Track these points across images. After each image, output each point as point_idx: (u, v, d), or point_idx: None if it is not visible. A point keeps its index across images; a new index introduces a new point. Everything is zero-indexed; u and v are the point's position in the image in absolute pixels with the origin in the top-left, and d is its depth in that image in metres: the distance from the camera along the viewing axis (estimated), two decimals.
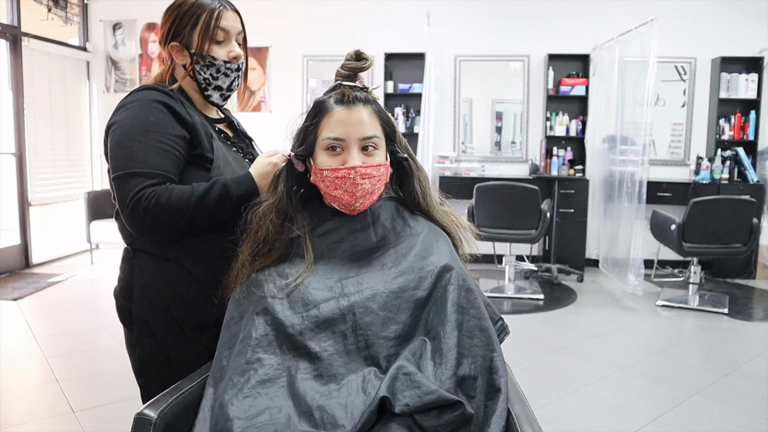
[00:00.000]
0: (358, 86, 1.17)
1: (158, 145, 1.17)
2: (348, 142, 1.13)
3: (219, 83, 1.31)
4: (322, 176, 1.15)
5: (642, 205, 4.43)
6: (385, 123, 1.19)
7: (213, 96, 1.33)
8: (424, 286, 1.07)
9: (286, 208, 1.17)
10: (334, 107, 1.15)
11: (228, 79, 1.32)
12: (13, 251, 5.11)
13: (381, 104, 1.21)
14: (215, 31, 1.26)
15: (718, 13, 5.27)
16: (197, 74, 1.29)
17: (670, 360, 3.25)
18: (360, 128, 1.14)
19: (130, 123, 1.18)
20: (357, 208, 1.16)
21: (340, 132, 1.13)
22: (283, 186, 1.18)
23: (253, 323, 1.07)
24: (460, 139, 5.68)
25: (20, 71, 5.03)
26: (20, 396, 2.73)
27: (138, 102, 1.21)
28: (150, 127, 1.18)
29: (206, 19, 1.25)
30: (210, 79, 1.30)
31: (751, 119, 5.22)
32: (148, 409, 1.03)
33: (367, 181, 1.13)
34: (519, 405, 1.05)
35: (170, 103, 1.22)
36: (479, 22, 5.53)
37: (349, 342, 1.03)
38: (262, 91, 5.80)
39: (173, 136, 1.19)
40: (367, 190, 1.14)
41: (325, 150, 1.15)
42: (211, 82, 1.30)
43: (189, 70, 1.28)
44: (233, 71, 1.32)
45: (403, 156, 1.23)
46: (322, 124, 1.15)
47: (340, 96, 1.16)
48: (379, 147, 1.17)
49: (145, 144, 1.16)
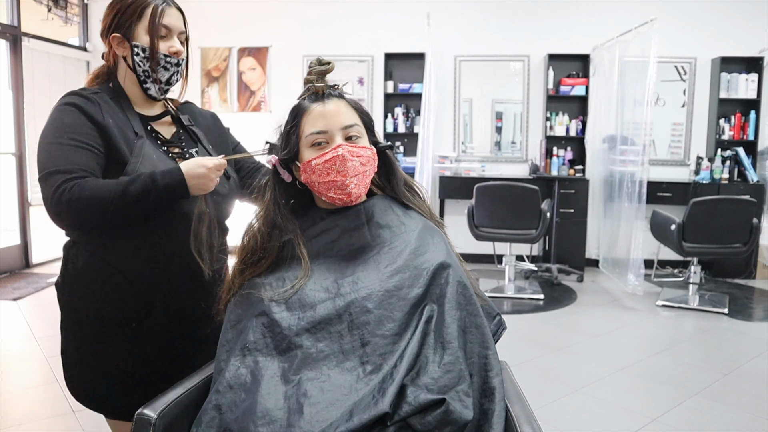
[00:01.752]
0: (329, 84, 1.20)
1: (74, 144, 1.20)
2: (331, 133, 1.15)
3: (158, 76, 1.32)
4: (312, 168, 1.15)
5: (642, 205, 4.43)
6: (362, 114, 1.21)
7: (151, 89, 1.34)
8: (419, 284, 1.07)
9: (273, 216, 1.18)
10: (310, 105, 1.17)
11: (167, 73, 1.33)
12: (13, 251, 5.11)
13: (355, 99, 1.23)
14: (158, 27, 1.29)
15: (718, 13, 5.27)
16: (137, 66, 1.31)
17: (670, 360, 3.25)
18: (339, 118, 1.15)
19: (48, 127, 1.23)
20: (353, 191, 1.15)
21: (321, 125, 1.15)
22: (270, 194, 1.19)
23: (251, 326, 1.08)
24: (460, 139, 5.68)
25: (20, 71, 5.03)
26: (20, 396, 2.73)
27: (55, 108, 1.25)
28: (65, 128, 1.21)
29: (151, 14, 1.29)
30: (149, 71, 1.31)
31: (751, 119, 5.22)
32: (148, 409, 1.03)
33: (357, 159, 1.14)
34: (519, 405, 1.05)
35: (83, 105, 1.24)
36: (479, 22, 5.53)
37: (346, 342, 1.03)
38: (262, 91, 5.80)
39: (89, 134, 1.22)
40: (358, 169, 1.15)
41: (311, 147, 1.16)
42: (150, 75, 1.32)
43: (129, 61, 1.31)
44: (173, 65, 1.33)
45: (387, 144, 1.24)
46: (302, 123, 1.16)
47: (314, 95, 1.18)
48: (361, 136, 1.18)
49: (61, 144, 1.19)
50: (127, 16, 1.29)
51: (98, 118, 1.24)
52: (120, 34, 1.30)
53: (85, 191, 1.15)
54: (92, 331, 1.30)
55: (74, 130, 1.21)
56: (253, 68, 5.78)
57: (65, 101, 1.26)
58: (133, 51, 1.30)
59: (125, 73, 1.34)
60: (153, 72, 1.31)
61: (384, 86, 5.58)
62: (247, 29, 5.69)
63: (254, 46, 5.74)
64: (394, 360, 1.00)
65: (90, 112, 1.24)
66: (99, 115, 1.24)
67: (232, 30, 5.67)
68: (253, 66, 5.78)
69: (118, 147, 1.24)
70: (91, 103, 1.25)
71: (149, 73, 1.31)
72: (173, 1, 1.34)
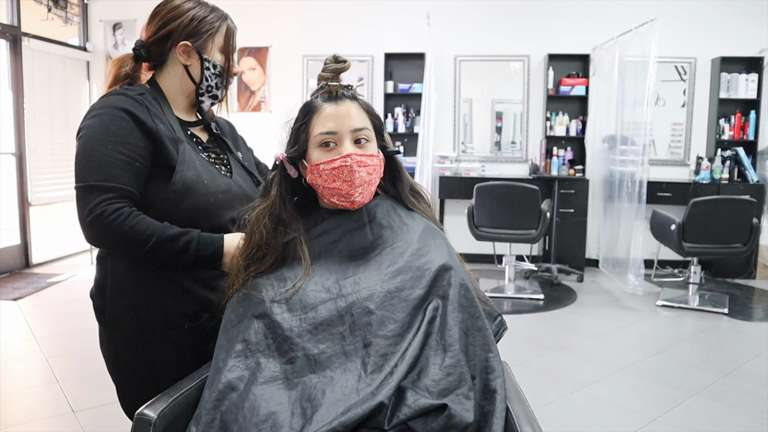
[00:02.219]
0: (343, 84, 1.19)
1: (118, 156, 1.17)
2: (340, 134, 1.14)
3: (217, 92, 1.36)
4: (319, 171, 1.15)
5: (642, 205, 4.43)
6: (373, 117, 1.20)
7: (205, 102, 1.36)
8: (421, 285, 1.07)
9: (279, 212, 1.17)
10: (322, 105, 1.16)
11: (223, 91, 1.38)
12: (13, 251, 5.11)
13: (367, 101, 1.22)
14: (232, 49, 1.35)
15: (718, 13, 5.27)
16: (204, 80, 1.32)
17: (670, 360, 3.25)
18: (350, 121, 1.15)
19: (93, 131, 1.19)
20: (356, 200, 1.16)
21: (331, 126, 1.14)
22: (276, 190, 1.18)
23: (251, 327, 1.07)
24: (460, 139, 5.68)
25: (20, 71, 5.03)
26: (20, 396, 2.73)
27: (103, 110, 1.21)
28: (110, 137, 1.18)
29: (226, 34, 1.33)
30: (213, 87, 1.34)
31: (751, 119, 5.22)
32: (148, 409, 1.03)
33: (364, 170, 1.14)
34: (519, 405, 1.05)
35: (134, 110, 1.21)
36: (479, 22, 5.53)
37: (348, 342, 1.03)
38: (262, 91, 5.80)
39: (134, 146, 1.19)
40: (365, 179, 1.15)
41: (319, 147, 1.15)
42: (212, 90, 1.34)
43: (195, 74, 1.32)
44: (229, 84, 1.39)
45: (394, 150, 1.24)
46: (312, 122, 1.16)
47: (326, 94, 1.17)
48: (370, 140, 1.18)
49: (105, 154, 1.16)
50: (204, 27, 1.30)
51: (149, 124, 1.22)
52: (191, 44, 1.29)
53: (124, 225, 1.14)
54: (143, 337, 1.27)
55: (120, 140, 1.18)
56: (253, 68, 5.78)
57: (115, 104, 1.21)
58: (203, 65, 1.31)
59: (178, 81, 1.33)
60: (217, 89, 1.35)
61: (384, 86, 5.58)
62: (247, 29, 5.65)
63: (254, 46, 5.75)
64: (395, 360, 0.99)
65: (141, 118, 1.21)
66: (150, 120, 1.22)
67: None
68: (253, 66, 5.78)
69: (166, 152, 1.23)
70: (140, 107, 1.23)
71: (212, 89, 1.34)
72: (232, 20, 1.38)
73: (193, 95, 1.36)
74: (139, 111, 1.22)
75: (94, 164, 1.16)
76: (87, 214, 1.14)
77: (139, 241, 1.16)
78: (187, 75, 1.32)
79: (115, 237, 1.15)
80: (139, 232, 1.16)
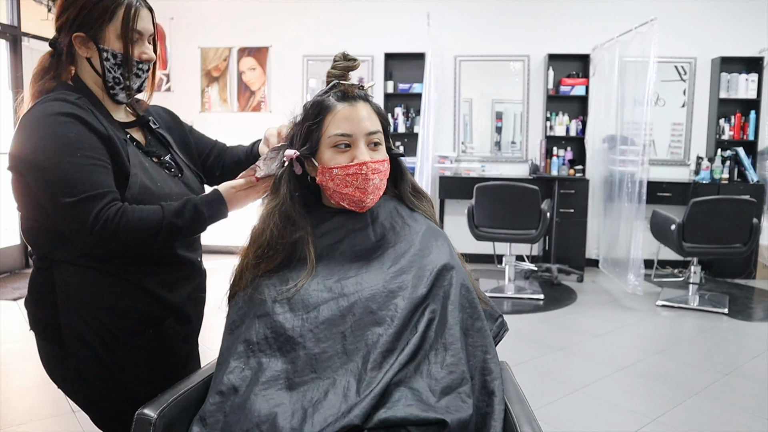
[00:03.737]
0: (356, 84, 1.18)
1: (90, 162, 1.11)
2: (355, 137, 1.13)
3: (129, 83, 1.22)
4: (331, 175, 1.14)
5: (642, 205, 4.43)
6: (383, 119, 1.20)
7: (119, 95, 1.23)
8: (423, 285, 1.07)
9: (289, 210, 1.15)
10: (336, 105, 1.14)
11: (138, 80, 1.24)
12: (13, 251, 5.11)
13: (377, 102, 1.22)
14: (132, 32, 1.18)
15: (718, 13, 5.27)
16: (106, 72, 1.19)
17: (670, 360, 3.25)
18: (365, 123, 1.14)
19: (49, 143, 1.10)
20: (366, 205, 1.16)
21: (346, 128, 1.13)
22: (286, 188, 1.16)
23: (253, 327, 1.08)
24: (460, 139, 5.68)
25: (20, 71, 5.02)
26: (20, 396, 2.73)
27: (52, 118, 1.11)
28: (73, 144, 1.10)
29: (123, 17, 1.16)
30: (120, 78, 1.20)
31: (751, 119, 5.22)
32: (148, 409, 1.03)
33: (377, 177, 1.14)
34: (519, 405, 1.05)
35: (82, 115, 1.13)
36: (479, 22, 5.53)
37: (349, 342, 1.03)
38: (262, 91, 5.80)
39: (97, 149, 1.13)
40: (377, 186, 1.15)
41: (332, 147, 1.14)
42: (120, 82, 1.21)
43: (97, 65, 1.19)
44: (144, 72, 1.24)
45: (399, 152, 1.24)
46: (326, 121, 1.14)
47: (341, 93, 1.15)
48: (381, 143, 1.18)
49: (79, 164, 1.09)
50: (95, 15, 1.15)
51: (101, 129, 1.15)
52: (85, 34, 1.17)
53: (132, 222, 1.10)
54: (106, 346, 1.19)
55: (83, 146, 1.11)
56: (253, 68, 5.78)
57: (59, 110, 1.12)
58: (102, 55, 1.18)
59: (90, 76, 1.21)
60: (125, 79, 1.21)
61: (384, 86, 5.58)
62: (247, 29, 5.69)
63: (254, 46, 5.74)
64: (395, 358, 1.00)
65: (91, 123, 1.14)
66: (99, 125, 1.15)
67: (232, 30, 5.67)
68: (253, 66, 5.78)
69: (120, 158, 1.17)
70: (85, 111, 1.15)
71: (120, 80, 1.20)
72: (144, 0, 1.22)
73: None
74: (87, 116, 1.14)
75: (75, 176, 1.09)
76: (91, 226, 1.08)
77: (152, 230, 1.12)
78: (92, 68, 1.20)
79: (128, 236, 1.11)
80: (147, 222, 1.12)
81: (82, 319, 1.18)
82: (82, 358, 1.19)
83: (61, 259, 1.18)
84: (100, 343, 1.19)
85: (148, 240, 1.14)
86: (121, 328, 1.20)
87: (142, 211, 1.13)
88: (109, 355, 1.19)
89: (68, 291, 1.18)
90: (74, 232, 1.11)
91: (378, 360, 1.00)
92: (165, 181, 1.25)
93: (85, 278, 1.18)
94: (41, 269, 1.22)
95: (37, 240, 1.21)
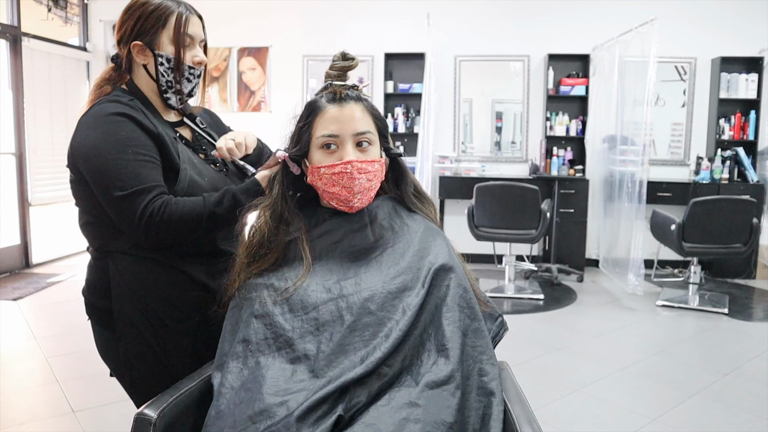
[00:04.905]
0: (348, 84, 1.18)
1: (140, 159, 1.19)
2: (342, 138, 1.14)
3: (181, 87, 1.32)
4: (319, 174, 1.15)
5: (642, 205, 4.43)
6: (377, 120, 1.20)
7: (171, 99, 1.33)
8: (421, 285, 1.07)
9: (281, 210, 1.17)
10: (326, 106, 1.16)
11: (190, 85, 1.33)
12: (13, 251, 5.10)
13: (372, 102, 1.22)
14: (183, 36, 1.28)
15: (718, 13, 5.27)
16: (160, 76, 1.29)
17: (670, 360, 3.25)
18: (353, 124, 1.15)
19: (103, 141, 1.19)
20: (355, 205, 1.16)
21: (333, 129, 1.14)
22: (279, 188, 1.19)
23: (251, 326, 1.08)
24: (460, 139, 5.68)
25: (20, 71, 5.03)
26: (20, 396, 2.73)
27: (102, 119, 1.21)
28: (125, 141, 1.19)
29: (176, 23, 1.27)
30: (172, 82, 1.30)
31: (751, 119, 5.22)
32: (148, 408, 1.03)
33: (364, 176, 1.14)
34: (519, 405, 1.05)
35: (134, 114, 1.22)
36: (479, 22, 5.53)
37: (347, 342, 1.03)
38: (262, 91, 5.80)
39: (147, 146, 1.22)
40: (364, 186, 1.15)
41: (320, 148, 1.15)
42: (173, 85, 1.31)
43: (152, 71, 1.29)
44: (195, 77, 1.34)
45: (398, 152, 1.23)
46: (315, 123, 1.16)
47: (331, 95, 1.17)
48: (373, 143, 1.17)
49: (127, 160, 1.18)
50: (150, 23, 1.26)
51: (151, 127, 1.23)
52: (142, 42, 1.27)
53: (175, 213, 1.18)
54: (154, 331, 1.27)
55: (134, 143, 1.20)
56: (253, 68, 5.78)
57: (112, 111, 1.22)
58: (157, 60, 1.28)
59: (145, 82, 1.32)
60: (177, 83, 1.30)
61: (384, 86, 5.58)
62: (247, 29, 5.69)
63: (254, 46, 5.74)
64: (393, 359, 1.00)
65: (142, 121, 1.22)
66: (149, 124, 1.23)
67: (232, 30, 5.66)
68: (253, 66, 5.78)
69: (170, 154, 1.25)
70: (137, 112, 1.24)
71: (172, 83, 1.30)
72: (193, 8, 1.32)
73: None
74: (138, 115, 1.23)
75: (125, 172, 1.17)
76: (139, 219, 1.16)
77: (195, 220, 1.19)
78: (148, 74, 1.30)
79: (173, 227, 1.18)
80: (189, 212, 1.19)
81: (133, 306, 1.26)
82: (131, 342, 1.27)
83: (115, 250, 1.27)
84: (149, 329, 1.26)
85: (192, 229, 1.21)
86: (169, 315, 1.27)
87: (186, 202, 1.20)
88: (156, 340, 1.27)
89: (121, 279, 1.26)
90: (125, 223, 1.20)
91: (378, 363, 1.00)
92: (212, 175, 1.33)
93: (137, 268, 1.26)
94: (97, 260, 1.31)
95: (94, 233, 1.29)
